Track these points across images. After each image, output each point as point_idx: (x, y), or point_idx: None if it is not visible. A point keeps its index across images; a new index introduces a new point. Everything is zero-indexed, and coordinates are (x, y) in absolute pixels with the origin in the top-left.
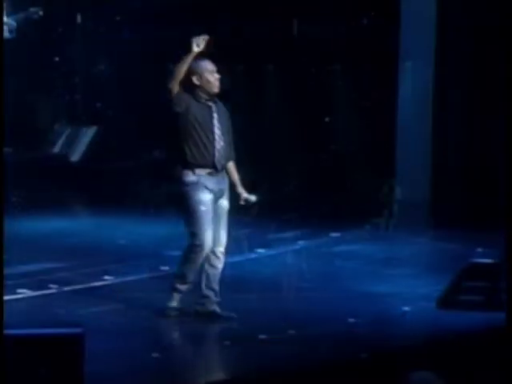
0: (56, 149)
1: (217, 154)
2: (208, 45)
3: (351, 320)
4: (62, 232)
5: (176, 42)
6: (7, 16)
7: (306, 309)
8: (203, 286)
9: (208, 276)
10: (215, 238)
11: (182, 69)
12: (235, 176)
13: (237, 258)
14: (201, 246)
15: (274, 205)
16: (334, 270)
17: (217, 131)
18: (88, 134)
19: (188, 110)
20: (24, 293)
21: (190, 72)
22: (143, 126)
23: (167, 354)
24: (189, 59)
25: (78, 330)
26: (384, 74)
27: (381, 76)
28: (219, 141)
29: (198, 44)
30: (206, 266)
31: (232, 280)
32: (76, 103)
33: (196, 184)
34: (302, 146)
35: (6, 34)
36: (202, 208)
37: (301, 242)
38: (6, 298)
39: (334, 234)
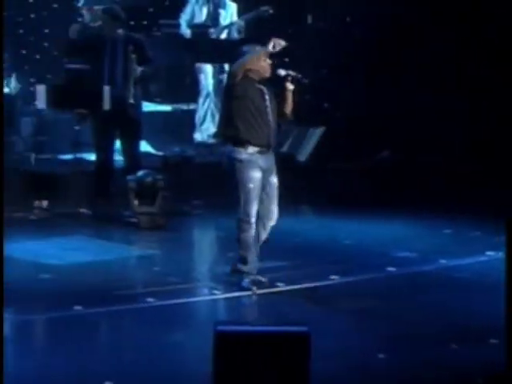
0: (283, 148)
1: (271, 133)
2: (281, 50)
3: None
4: (287, 231)
5: (401, 45)
6: (238, 16)
7: None
8: None
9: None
10: (267, 213)
11: (251, 60)
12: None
13: (467, 260)
14: (247, 221)
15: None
16: None
17: (270, 112)
18: (316, 134)
19: (246, 92)
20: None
21: None
22: (371, 127)
23: (392, 356)
24: (260, 54)
25: (303, 329)
26: None
27: None
28: (272, 121)
29: (275, 46)
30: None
31: (458, 282)
32: (304, 103)
33: (249, 161)
34: None
35: (235, 34)
36: (251, 185)
37: None
38: (235, 294)
39: None
